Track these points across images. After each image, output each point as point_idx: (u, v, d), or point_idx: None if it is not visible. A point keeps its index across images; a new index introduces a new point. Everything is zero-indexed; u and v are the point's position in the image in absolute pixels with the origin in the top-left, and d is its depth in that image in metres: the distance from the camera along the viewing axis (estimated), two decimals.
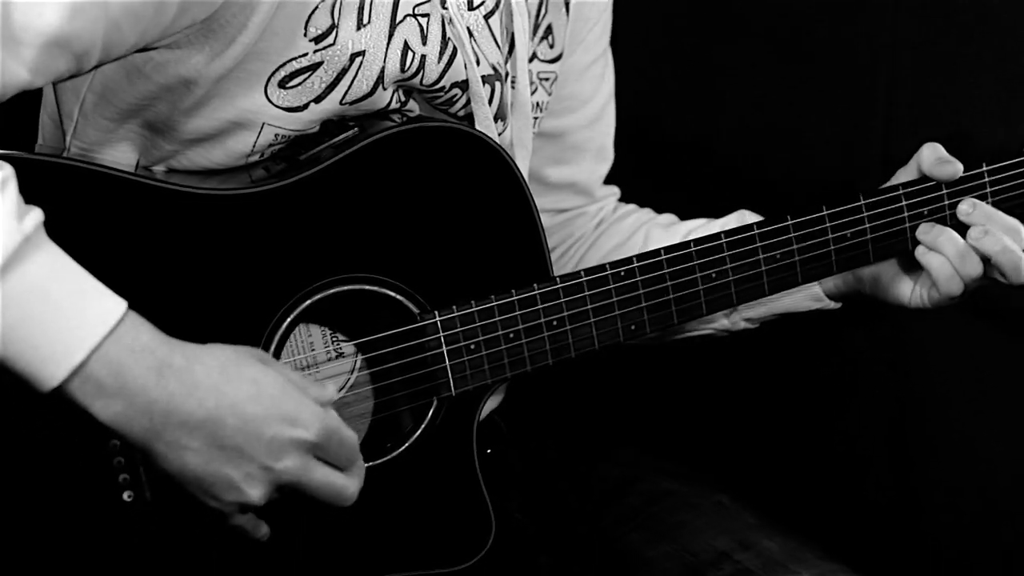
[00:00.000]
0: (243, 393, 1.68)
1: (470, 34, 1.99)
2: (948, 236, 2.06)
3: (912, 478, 2.89)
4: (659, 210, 2.38)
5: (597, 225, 2.34)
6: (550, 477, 2.22)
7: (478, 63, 1.99)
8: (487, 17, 2.01)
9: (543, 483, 2.21)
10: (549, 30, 2.14)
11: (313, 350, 1.95)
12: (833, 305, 2.20)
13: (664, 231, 2.29)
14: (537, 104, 2.13)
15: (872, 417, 2.89)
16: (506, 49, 2.05)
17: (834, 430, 2.92)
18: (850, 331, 2.84)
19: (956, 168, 2.08)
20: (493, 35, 2.02)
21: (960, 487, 2.88)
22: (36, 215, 1.61)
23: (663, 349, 2.25)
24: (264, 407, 1.68)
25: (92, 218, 1.77)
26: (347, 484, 1.76)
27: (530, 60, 2.10)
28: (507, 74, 2.05)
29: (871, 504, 2.90)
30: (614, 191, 2.38)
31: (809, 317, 2.23)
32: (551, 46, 2.15)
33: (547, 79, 2.15)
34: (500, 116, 2.05)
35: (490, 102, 2.02)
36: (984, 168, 2.11)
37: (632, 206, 2.38)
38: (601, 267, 1.98)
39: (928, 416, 2.86)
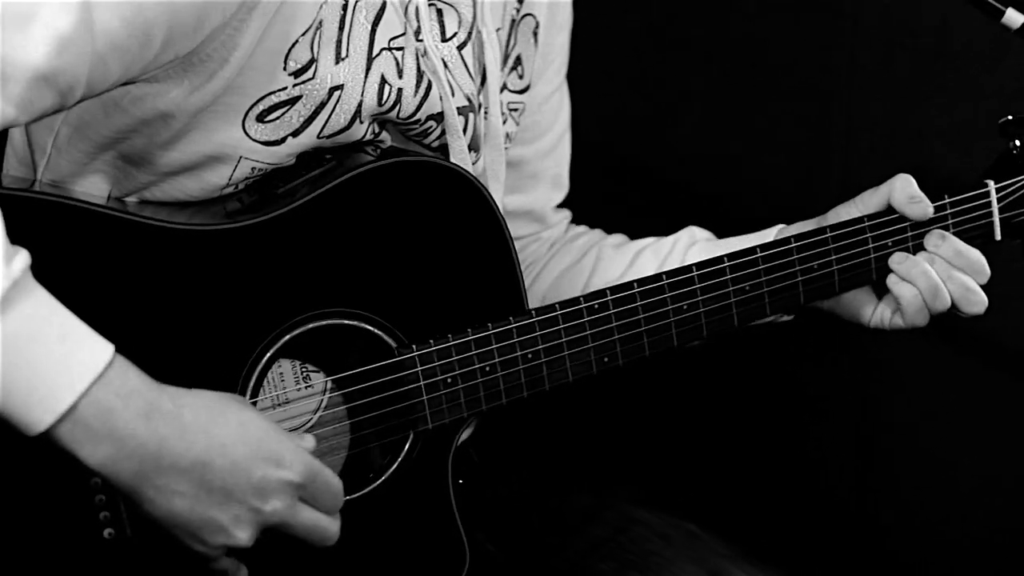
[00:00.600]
0: (231, 435, 1.67)
1: (445, 66, 1.99)
2: (923, 270, 2.08)
3: (880, 502, 2.92)
4: (613, 230, 2.39)
5: (549, 247, 2.35)
6: (521, 508, 2.22)
7: (453, 95, 1.99)
8: (460, 48, 2.02)
9: (514, 514, 2.21)
10: (519, 61, 2.14)
11: (296, 384, 1.94)
12: (786, 317, 2.20)
13: (615, 251, 2.30)
14: (507, 135, 2.13)
15: (840, 441, 2.92)
16: (479, 80, 2.05)
17: (803, 453, 2.94)
18: (813, 355, 2.87)
19: (926, 209, 2.09)
20: (466, 66, 2.03)
21: (931, 510, 2.91)
22: (23, 258, 1.58)
23: (630, 373, 2.25)
24: (251, 448, 1.68)
25: (66, 254, 1.75)
26: (330, 526, 1.77)
27: (500, 91, 2.11)
28: (480, 105, 2.05)
29: (842, 528, 2.93)
30: (566, 214, 2.39)
31: (771, 333, 2.24)
32: (520, 76, 2.15)
33: (516, 109, 2.15)
34: (473, 147, 2.05)
35: (464, 133, 2.02)
36: (947, 200, 2.13)
37: (583, 227, 2.39)
38: (575, 300, 1.99)
39: (894, 439, 2.89)
